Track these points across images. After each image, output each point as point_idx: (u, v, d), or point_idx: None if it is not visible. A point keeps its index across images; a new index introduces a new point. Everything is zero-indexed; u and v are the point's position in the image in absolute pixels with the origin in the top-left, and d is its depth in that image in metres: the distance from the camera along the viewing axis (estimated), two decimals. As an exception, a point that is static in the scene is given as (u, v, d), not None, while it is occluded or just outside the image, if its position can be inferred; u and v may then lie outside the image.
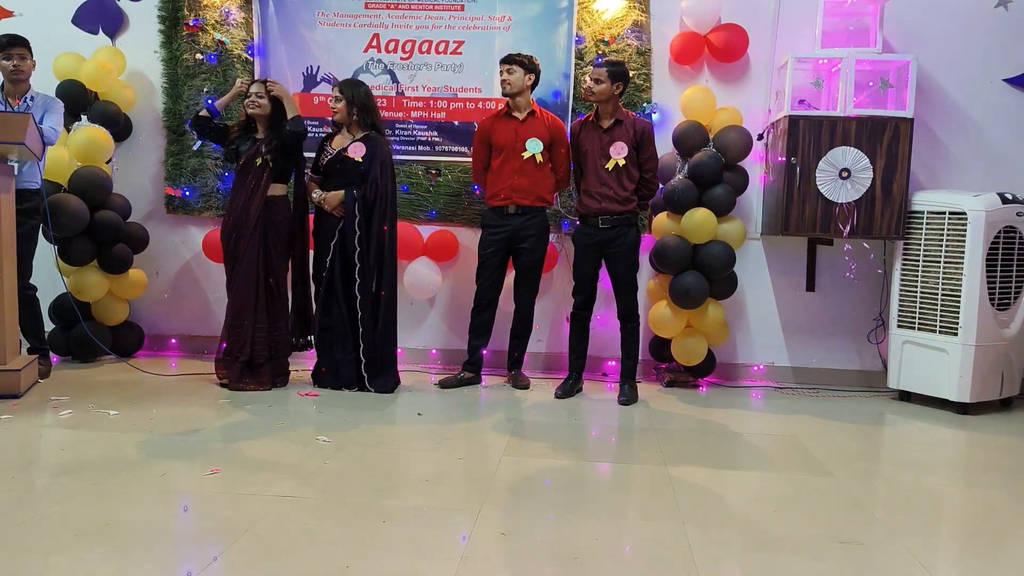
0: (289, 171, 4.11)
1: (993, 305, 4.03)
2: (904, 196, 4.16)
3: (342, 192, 3.99)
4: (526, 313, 4.34)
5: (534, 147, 4.12)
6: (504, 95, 4.16)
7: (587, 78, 4.03)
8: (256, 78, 4.54)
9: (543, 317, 4.74)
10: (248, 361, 3.99)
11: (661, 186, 4.29)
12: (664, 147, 4.46)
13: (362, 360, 4.06)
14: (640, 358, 4.27)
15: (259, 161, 3.98)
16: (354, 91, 4.05)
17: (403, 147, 4.68)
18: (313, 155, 4.20)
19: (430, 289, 4.67)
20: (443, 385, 4.23)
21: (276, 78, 4.62)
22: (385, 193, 4.06)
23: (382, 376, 4.08)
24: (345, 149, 4.03)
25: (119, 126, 4.70)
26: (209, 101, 4.18)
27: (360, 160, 4.00)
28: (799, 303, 4.67)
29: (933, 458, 3.34)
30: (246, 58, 4.76)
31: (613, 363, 4.63)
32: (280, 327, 4.09)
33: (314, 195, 4.05)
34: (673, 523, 2.45)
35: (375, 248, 4.02)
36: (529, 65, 4.11)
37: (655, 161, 4.08)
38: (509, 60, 4.10)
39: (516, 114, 4.17)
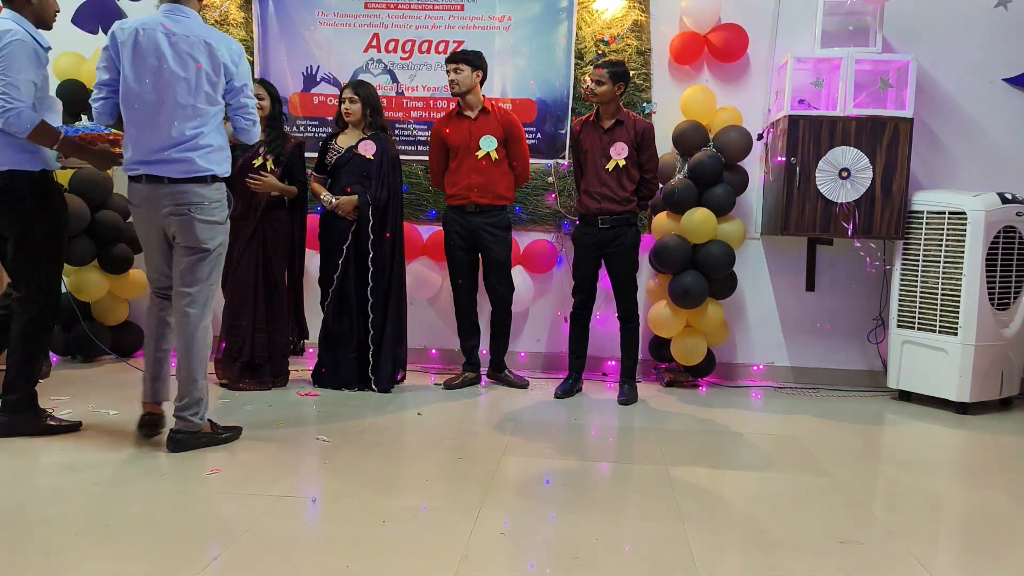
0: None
1: (993, 305, 4.03)
2: (904, 196, 4.16)
3: (355, 197, 3.99)
4: (503, 312, 4.31)
5: (488, 145, 4.09)
6: (454, 95, 4.10)
7: (587, 79, 4.02)
8: (255, 77, 4.54)
9: (543, 317, 4.75)
10: (248, 361, 3.99)
11: (661, 186, 4.30)
12: (664, 147, 4.46)
13: (370, 361, 4.07)
14: (640, 358, 4.27)
15: (257, 163, 3.98)
16: (367, 91, 4.05)
17: (403, 147, 4.68)
18: (316, 156, 4.21)
19: (430, 289, 4.67)
20: (448, 386, 4.22)
21: (276, 78, 4.64)
22: (396, 192, 4.10)
23: (389, 375, 4.09)
24: (355, 147, 4.03)
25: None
26: None
27: (371, 157, 4.00)
28: (799, 303, 4.67)
29: (933, 458, 3.35)
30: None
31: (613, 363, 4.63)
32: (280, 328, 4.09)
33: (323, 199, 4.03)
34: (673, 523, 2.45)
35: (388, 247, 4.04)
36: (476, 62, 4.05)
37: (655, 162, 4.08)
38: (454, 59, 4.04)
39: (468, 113, 4.13)
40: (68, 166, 3.34)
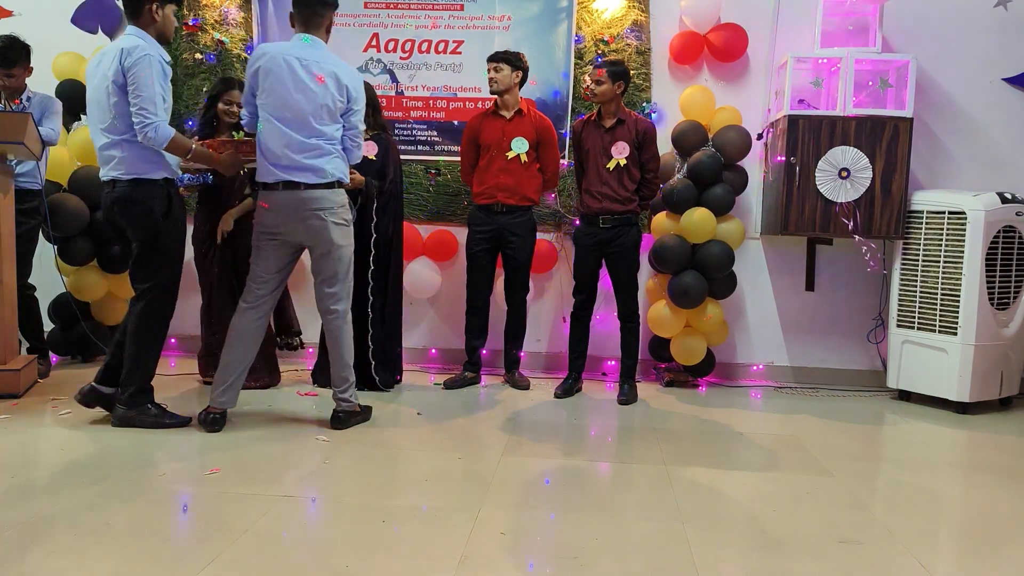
0: None
1: (992, 305, 4.03)
2: (903, 196, 4.16)
3: (363, 178, 3.95)
4: (518, 313, 4.32)
5: (519, 147, 4.10)
6: (492, 93, 4.14)
7: (587, 78, 4.02)
8: (234, 79, 4.30)
9: (543, 317, 4.75)
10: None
11: (662, 186, 4.30)
12: (663, 147, 4.46)
13: (371, 361, 4.06)
14: (640, 358, 4.27)
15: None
16: (368, 92, 4.04)
17: (403, 147, 4.67)
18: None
19: (430, 289, 4.67)
20: (448, 386, 4.22)
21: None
22: (398, 192, 4.12)
23: (388, 372, 4.10)
24: None
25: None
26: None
27: (373, 158, 4.01)
28: (798, 303, 4.67)
29: (933, 458, 3.35)
30: (245, 58, 4.75)
31: (613, 363, 4.63)
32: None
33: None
34: (673, 523, 2.45)
35: (386, 246, 4.04)
36: (516, 62, 4.07)
37: (657, 161, 4.08)
38: (495, 58, 4.08)
39: (503, 113, 4.15)
40: (189, 171, 3.53)
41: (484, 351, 4.40)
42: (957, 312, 4.03)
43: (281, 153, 3.16)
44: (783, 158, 4.21)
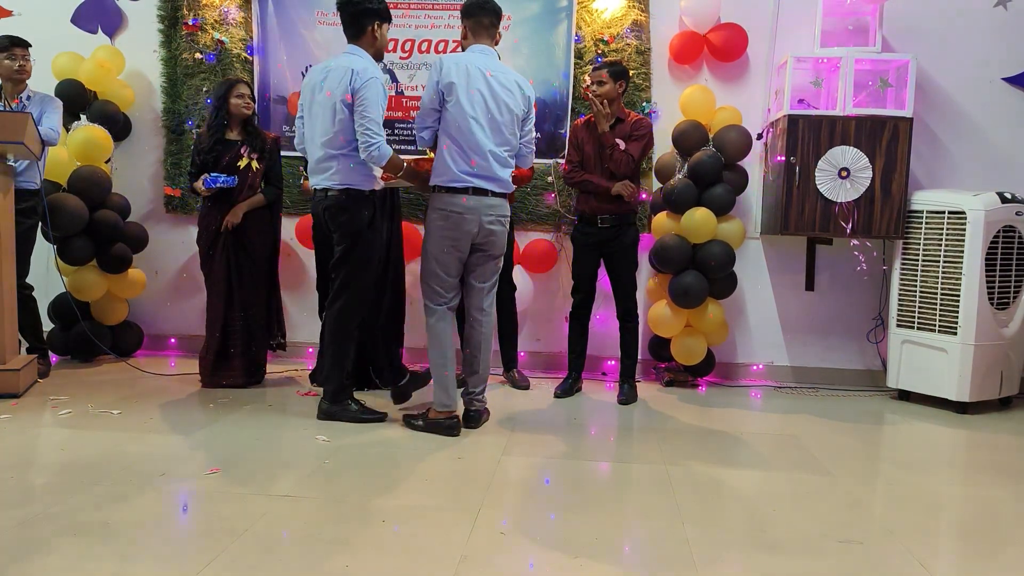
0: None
1: (992, 304, 4.03)
2: (903, 195, 4.16)
3: None
4: (508, 313, 4.30)
5: None
6: None
7: (587, 78, 4.01)
8: (235, 78, 4.24)
9: (543, 317, 4.74)
10: (221, 350, 3.96)
11: (661, 186, 4.29)
12: (664, 146, 4.47)
13: (378, 355, 4.06)
14: (640, 357, 4.27)
15: (242, 164, 3.96)
16: None
17: (403, 147, 4.68)
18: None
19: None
20: None
21: (276, 78, 4.63)
22: (394, 189, 4.11)
23: (392, 370, 4.11)
24: None
25: (118, 126, 4.69)
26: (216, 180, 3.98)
27: None
28: (798, 302, 4.67)
29: (933, 458, 3.35)
30: (245, 57, 4.75)
31: (612, 363, 4.63)
32: (253, 315, 4.03)
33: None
34: (673, 522, 2.45)
35: (389, 244, 4.04)
36: None
37: (636, 147, 3.89)
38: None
39: None
40: (389, 186, 3.69)
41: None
42: (957, 312, 4.03)
43: (476, 161, 3.25)
44: (783, 158, 4.20)
